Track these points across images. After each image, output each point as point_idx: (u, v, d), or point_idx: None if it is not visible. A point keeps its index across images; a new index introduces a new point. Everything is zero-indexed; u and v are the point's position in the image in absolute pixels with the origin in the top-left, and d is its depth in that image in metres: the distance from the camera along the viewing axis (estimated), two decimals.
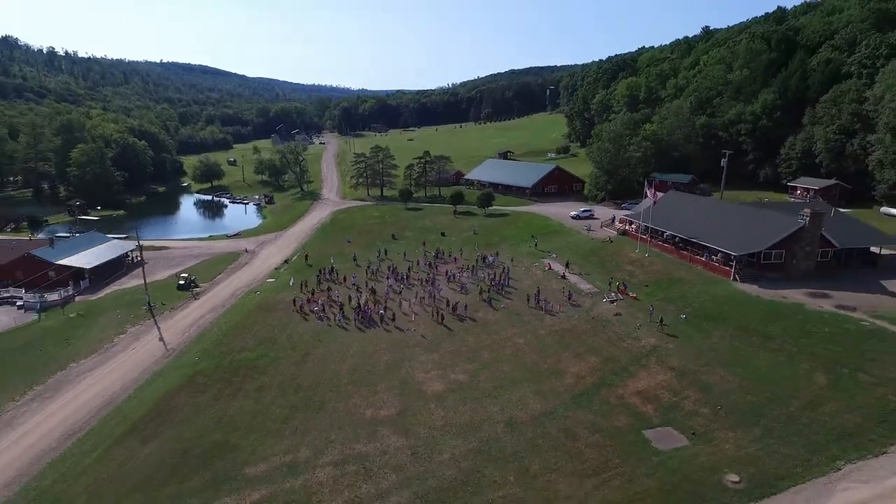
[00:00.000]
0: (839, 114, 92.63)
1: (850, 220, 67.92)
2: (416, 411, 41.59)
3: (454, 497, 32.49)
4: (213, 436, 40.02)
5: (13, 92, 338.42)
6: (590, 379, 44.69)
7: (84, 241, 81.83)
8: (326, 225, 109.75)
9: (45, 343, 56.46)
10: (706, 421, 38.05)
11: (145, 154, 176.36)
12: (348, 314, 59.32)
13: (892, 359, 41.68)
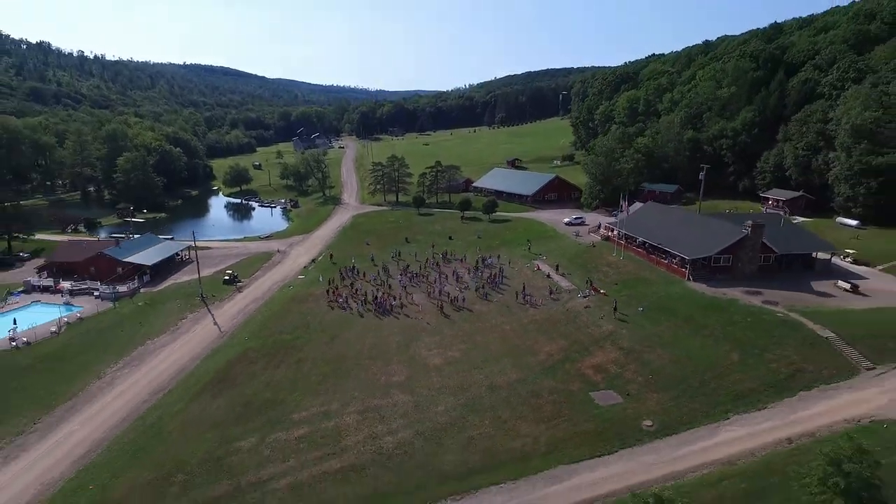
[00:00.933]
0: (807, 132, 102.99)
1: (796, 228, 78.86)
2: (420, 378, 53.93)
3: (444, 434, 44.82)
4: (265, 394, 52.81)
5: (52, 98, 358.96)
6: (557, 356, 56.66)
7: (143, 241, 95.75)
8: (347, 228, 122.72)
9: (124, 325, 69.93)
10: (639, 386, 49.89)
11: (180, 160, 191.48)
12: (367, 305, 71.91)
13: (792, 342, 53.10)
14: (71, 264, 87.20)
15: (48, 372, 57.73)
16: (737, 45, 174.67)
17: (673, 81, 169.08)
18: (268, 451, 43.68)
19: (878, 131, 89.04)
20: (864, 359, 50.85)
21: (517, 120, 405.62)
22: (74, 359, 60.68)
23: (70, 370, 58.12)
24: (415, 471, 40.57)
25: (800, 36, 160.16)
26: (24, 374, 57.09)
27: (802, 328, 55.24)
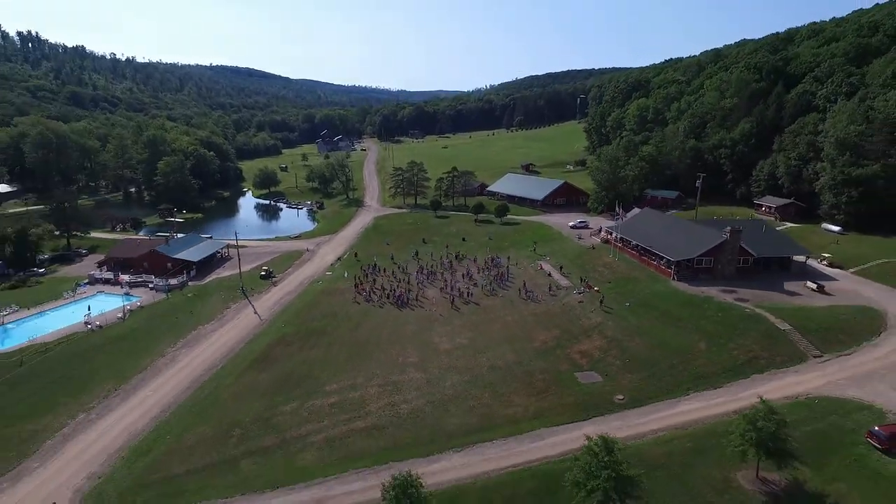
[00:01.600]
0: (799, 143, 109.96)
1: (776, 233, 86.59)
2: (431, 360, 63.37)
3: (450, 403, 54.24)
4: (301, 370, 62.78)
5: (90, 101, 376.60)
6: (550, 343, 65.67)
7: (188, 240, 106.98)
8: (369, 229, 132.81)
9: (177, 313, 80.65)
10: (617, 368, 58.74)
11: (213, 163, 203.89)
12: (387, 298, 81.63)
13: (754, 334, 61.41)
14: (127, 260, 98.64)
15: (119, 351, 68.51)
16: (746, 53, 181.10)
17: (682, 90, 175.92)
18: (306, 414, 53.60)
19: (861, 144, 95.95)
20: (813, 348, 59.08)
21: (535, 123, 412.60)
22: (140, 340, 71.47)
23: (137, 349, 68.86)
24: (425, 430, 50.06)
25: (805, 47, 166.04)
26: (101, 352, 67.95)
27: (764, 321, 63.50)
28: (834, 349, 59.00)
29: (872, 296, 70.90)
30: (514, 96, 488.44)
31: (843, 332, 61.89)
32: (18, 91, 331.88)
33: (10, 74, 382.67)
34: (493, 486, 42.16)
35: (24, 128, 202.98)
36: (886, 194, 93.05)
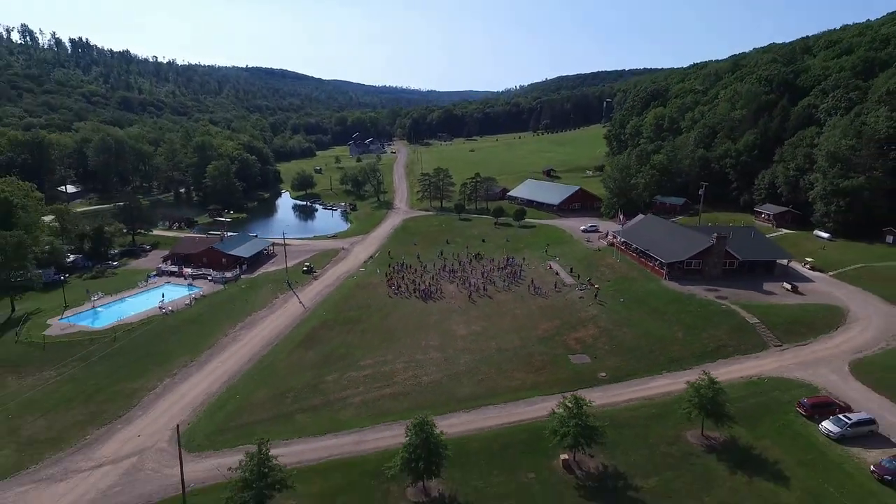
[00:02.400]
0: (796, 155, 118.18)
1: (763, 239, 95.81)
2: (449, 343, 75.17)
3: (462, 376, 65.95)
4: (340, 349, 75.30)
5: (138, 106, 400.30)
6: (551, 331, 76.83)
7: (239, 238, 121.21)
8: (399, 230, 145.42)
9: (234, 301, 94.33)
10: (604, 352, 69.68)
11: (255, 166, 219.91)
12: (414, 292, 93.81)
13: (725, 326, 71.65)
14: (188, 255, 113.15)
15: (190, 331, 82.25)
16: (764, 63, 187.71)
17: (697, 100, 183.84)
18: (345, 383, 66.04)
19: (850, 158, 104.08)
20: (775, 339, 69.09)
21: (561, 127, 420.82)
22: (206, 322, 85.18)
23: (205, 330, 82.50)
24: (441, 396, 61.94)
25: (818, 59, 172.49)
26: (175, 332, 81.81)
27: (736, 316, 73.65)
28: (794, 340, 68.86)
29: (840, 296, 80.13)
30: (541, 99, 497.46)
31: (805, 325, 71.63)
32: (75, 97, 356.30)
33: (66, 80, 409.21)
34: (492, 437, 53.80)
35: (86, 133, 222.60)
36: (871, 205, 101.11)
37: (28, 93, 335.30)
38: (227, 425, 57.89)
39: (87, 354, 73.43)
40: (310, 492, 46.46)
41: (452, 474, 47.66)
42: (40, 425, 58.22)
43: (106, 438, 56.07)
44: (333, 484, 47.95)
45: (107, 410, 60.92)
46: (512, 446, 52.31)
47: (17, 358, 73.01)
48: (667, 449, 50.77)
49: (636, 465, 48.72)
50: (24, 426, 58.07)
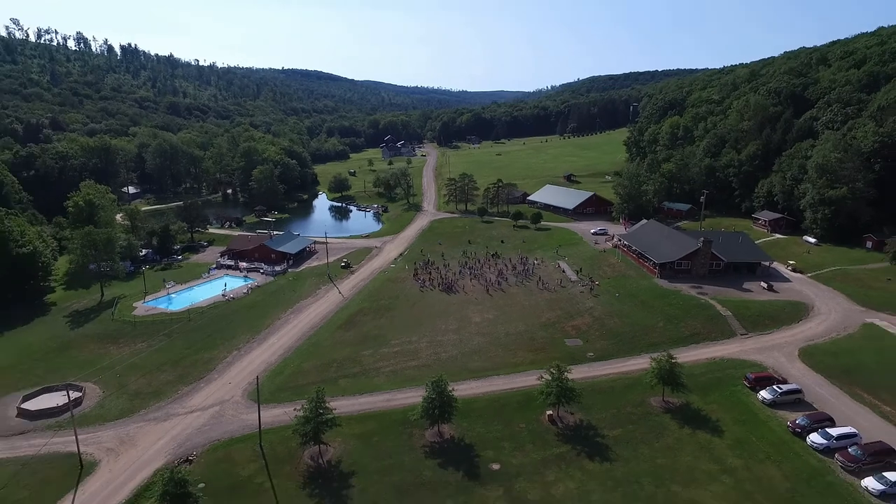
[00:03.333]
0: (792, 165, 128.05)
1: (749, 243, 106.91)
2: (465, 328, 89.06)
3: (475, 353, 79.82)
4: (374, 331, 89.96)
5: (185, 110, 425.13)
6: (552, 319, 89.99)
7: (286, 237, 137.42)
8: (426, 231, 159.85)
9: (283, 291, 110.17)
10: (595, 337, 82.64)
11: (295, 170, 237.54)
12: (438, 286, 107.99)
13: (701, 317, 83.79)
14: (242, 251, 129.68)
15: (249, 314, 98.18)
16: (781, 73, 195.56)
17: (711, 110, 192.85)
18: (378, 357, 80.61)
19: (837, 170, 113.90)
20: (742, 328, 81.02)
21: (587, 130, 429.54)
22: (261, 307, 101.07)
23: (261, 313, 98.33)
24: (456, 367, 75.84)
25: (828, 71, 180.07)
26: (237, 315, 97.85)
27: (712, 309, 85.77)
28: (758, 330, 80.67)
29: (810, 294, 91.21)
30: (569, 103, 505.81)
31: (770, 318, 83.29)
32: (129, 103, 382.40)
33: (119, 86, 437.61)
34: (494, 398, 67.58)
35: (143, 139, 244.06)
36: (854, 213, 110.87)
37: (87, 99, 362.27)
38: (285, 386, 73.11)
39: (170, 332, 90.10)
40: (352, 433, 61.07)
41: (461, 423, 61.67)
42: (142, 382, 74.54)
43: (193, 393, 71.97)
44: (369, 428, 62.49)
45: (191, 373, 76.97)
46: (509, 405, 66.02)
47: (114, 332, 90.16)
48: (632, 409, 63.79)
49: (605, 420, 61.93)
50: (130, 383, 74.47)
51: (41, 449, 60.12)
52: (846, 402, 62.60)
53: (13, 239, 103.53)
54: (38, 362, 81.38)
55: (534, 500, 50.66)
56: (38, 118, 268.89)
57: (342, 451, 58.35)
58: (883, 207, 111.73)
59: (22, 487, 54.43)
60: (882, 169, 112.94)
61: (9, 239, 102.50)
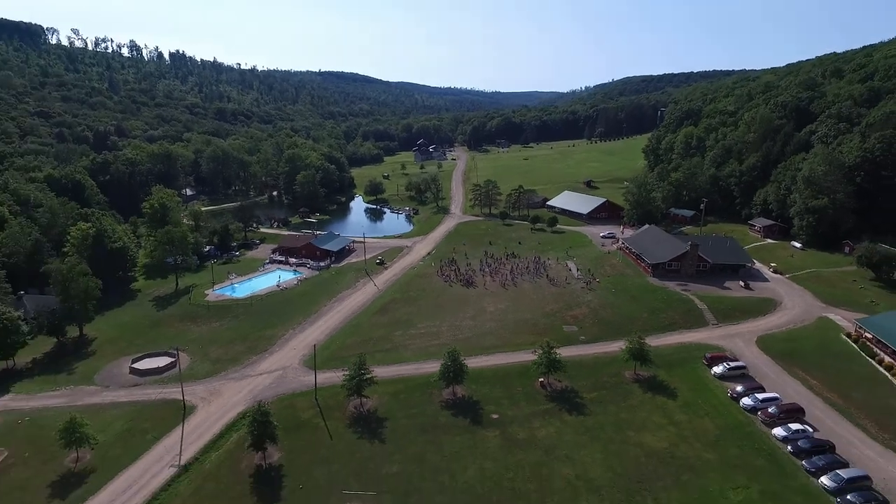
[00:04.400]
0: (785, 177, 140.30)
1: (736, 246, 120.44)
2: (481, 315, 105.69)
3: (487, 335, 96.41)
4: (404, 317, 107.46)
5: (231, 116, 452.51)
6: (555, 309, 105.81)
7: (328, 236, 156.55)
8: (452, 233, 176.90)
9: (328, 283, 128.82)
10: (588, 324, 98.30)
11: (335, 174, 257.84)
12: (459, 281, 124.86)
13: (680, 310, 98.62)
14: (291, 248, 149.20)
15: (300, 301, 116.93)
16: (791, 86, 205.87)
17: (724, 121, 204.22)
18: (407, 336, 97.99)
19: (821, 182, 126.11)
20: (714, 319, 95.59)
21: (614, 135, 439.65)
22: (310, 296, 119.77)
23: (309, 301, 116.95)
24: (470, 345, 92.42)
25: (842, 82, 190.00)
26: (290, 302, 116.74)
27: (690, 303, 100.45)
28: (728, 321, 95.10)
29: (782, 292, 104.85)
30: (598, 107, 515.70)
31: (741, 311, 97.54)
32: (181, 109, 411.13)
33: (170, 92, 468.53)
34: (499, 369, 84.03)
35: (198, 145, 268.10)
36: (836, 221, 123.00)
37: (144, 106, 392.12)
38: (332, 357, 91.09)
39: (237, 314, 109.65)
40: (385, 391, 78.48)
41: (470, 385, 78.46)
42: (220, 352, 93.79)
43: (260, 361, 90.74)
44: (399, 388, 79.86)
45: (257, 346, 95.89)
46: (510, 374, 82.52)
47: (193, 314, 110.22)
48: (608, 379, 79.59)
49: (585, 387, 77.88)
50: (210, 352, 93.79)
51: (152, 396, 79.67)
52: (784, 377, 77.09)
53: (108, 236, 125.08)
54: (136, 335, 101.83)
55: (521, 439, 67.22)
56: (105, 125, 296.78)
57: (378, 404, 75.88)
58: (864, 216, 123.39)
59: (144, 422, 73.69)
60: (863, 181, 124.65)
61: (104, 236, 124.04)
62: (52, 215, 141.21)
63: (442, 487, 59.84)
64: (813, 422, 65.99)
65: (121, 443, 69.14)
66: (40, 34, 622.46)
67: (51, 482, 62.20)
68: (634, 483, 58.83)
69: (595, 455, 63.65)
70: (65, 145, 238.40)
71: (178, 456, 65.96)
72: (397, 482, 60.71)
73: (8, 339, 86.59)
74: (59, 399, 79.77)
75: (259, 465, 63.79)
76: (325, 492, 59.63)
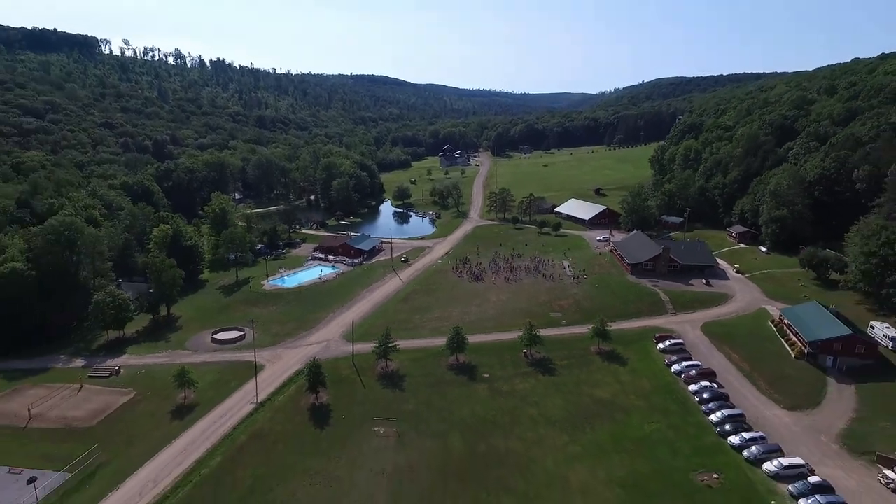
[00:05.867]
0: (760, 189, 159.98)
1: (705, 249, 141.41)
2: (485, 304, 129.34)
3: (489, 319, 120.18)
4: (423, 305, 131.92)
5: (270, 123, 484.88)
6: (546, 300, 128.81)
7: (361, 238, 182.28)
8: (469, 235, 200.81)
9: (361, 277, 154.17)
10: (571, 312, 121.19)
11: (366, 181, 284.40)
12: (470, 277, 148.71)
13: (647, 301, 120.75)
14: (330, 247, 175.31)
15: (338, 291, 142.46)
16: (783, 103, 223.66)
17: (720, 136, 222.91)
18: (424, 320, 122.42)
19: (784, 194, 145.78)
20: (673, 308, 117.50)
21: (633, 142, 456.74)
22: (346, 287, 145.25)
23: (346, 291, 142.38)
24: (475, 326, 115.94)
25: (820, 102, 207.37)
26: (330, 292, 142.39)
27: (656, 296, 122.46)
28: (684, 311, 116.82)
29: (737, 288, 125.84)
30: (619, 114, 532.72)
31: (698, 303, 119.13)
32: (225, 117, 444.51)
33: (214, 100, 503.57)
34: (494, 343, 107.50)
35: (244, 153, 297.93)
36: (795, 230, 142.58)
37: (192, 115, 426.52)
38: (365, 333, 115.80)
39: (288, 300, 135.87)
40: (406, 358, 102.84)
41: (470, 355, 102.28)
42: (278, 328, 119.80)
43: (309, 335, 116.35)
44: (416, 356, 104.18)
45: (306, 324, 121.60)
46: (503, 347, 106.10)
47: (254, 299, 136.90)
48: (577, 352, 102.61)
49: (558, 356, 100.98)
50: (270, 328, 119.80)
51: (230, 358, 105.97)
52: (713, 351, 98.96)
53: (183, 235, 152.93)
54: (211, 315, 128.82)
55: (503, 391, 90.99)
56: (161, 134, 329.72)
57: (399, 366, 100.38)
58: (821, 225, 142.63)
59: (227, 375, 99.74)
60: (821, 195, 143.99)
61: (180, 235, 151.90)
62: (133, 218, 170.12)
63: (443, 420, 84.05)
64: (722, 382, 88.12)
65: (213, 388, 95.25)
66: (95, 45, 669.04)
67: (169, 411, 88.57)
68: (581, 419, 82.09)
69: (556, 402, 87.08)
70: (132, 154, 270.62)
71: (255, 397, 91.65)
72: (412, 416, 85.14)
73: (120, 315, 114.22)
74: (163, 359, 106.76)
75: (313, 403, 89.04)
76: (359, 421, 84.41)
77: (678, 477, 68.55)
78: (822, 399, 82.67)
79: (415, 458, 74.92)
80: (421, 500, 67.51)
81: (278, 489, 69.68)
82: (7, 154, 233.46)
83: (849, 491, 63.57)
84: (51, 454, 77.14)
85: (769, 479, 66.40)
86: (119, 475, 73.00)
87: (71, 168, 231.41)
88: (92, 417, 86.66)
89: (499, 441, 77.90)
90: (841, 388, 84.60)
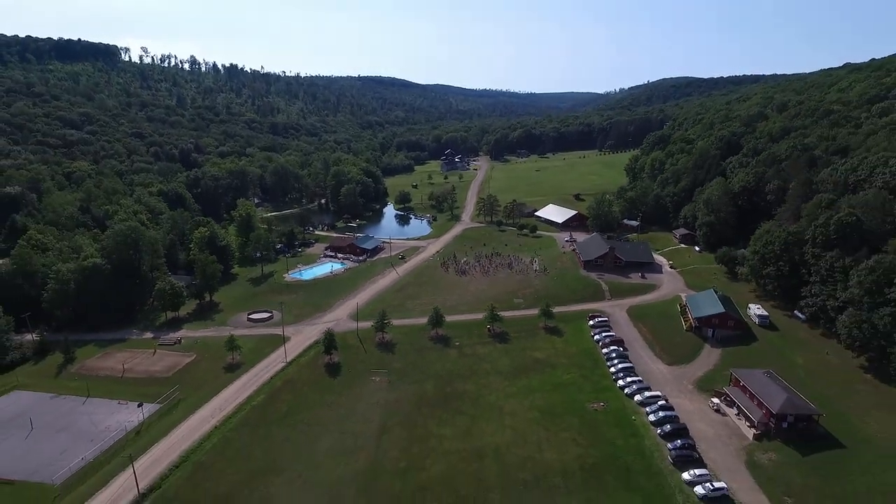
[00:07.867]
0: (700, 198, 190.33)
1: (647, 249, 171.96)
2: (465, 293, 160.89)
3: (466, 303, 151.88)
4: (414, 293, 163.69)
5: (282, 129, 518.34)
6: (512, 289, 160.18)
7: (365, 238, 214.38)
8: (459, 236, 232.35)
9: (365, 272, 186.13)
10: (530, 298, 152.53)
11: (371, 186, 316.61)
12: (455, 271, 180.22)
13: (590, 289, 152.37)
14: (339, 247, 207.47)
15: (346, 283, 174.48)
16: (740, 116, 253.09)
17: (682, 149, 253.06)
18: (414, 304, 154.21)
19: (714, 203, 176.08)
20: (610, 295, 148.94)
21: (623, 147, 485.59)
22: (352, 280, 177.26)
23: (352, 283, 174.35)
24: (454, 308, 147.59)
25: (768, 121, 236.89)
26: (340, 283, 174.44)
27: (599, 286, 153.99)
28: (618, 297, 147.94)
29: (665, 280, 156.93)
30: (612, 119, 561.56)
31: (632, 291, 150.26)
32: (241, 125, 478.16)
33: (229, 106, 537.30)
34: (466, 321, 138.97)
35: (261, 161, 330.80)
36: (721, 233, 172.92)
37: (211, 123, 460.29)
38: (367, 314, 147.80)
39: (306, 290, 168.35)
40: (398, 331, 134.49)
41: (447, 329, 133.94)
42: (298, 311, 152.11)
43: (323, 316, 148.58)
44: (405, 330, 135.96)
45: (321, 307, 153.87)
46: (473, 325, 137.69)
47: (278, 289, 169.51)
48: (528, 327, 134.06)
49: (513, 331, 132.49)
50: (293, 311, 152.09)
51: (263, 332, 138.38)
52: (630, 327, 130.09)
53: (217, 236, 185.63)
54: (245, 302, 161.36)
55: (468, 354, 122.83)
56: (185, 143, 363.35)
57: (392, 337, 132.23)
58: (741, 230, 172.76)
59: (263, 343, 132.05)
60: (744, 203, 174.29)
61: (216, 237, 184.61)
62: (173, 221, 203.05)
63: (422, 373, 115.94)
64: (629, 347, 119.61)
65: (252, 353, 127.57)
66: (116, 53, 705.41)
67: (222, 367, 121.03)
68: (520, 371, 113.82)
69: (505, 361, 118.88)
70: (164, 164, 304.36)
71: (285, 358, 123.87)
72: (399, 371, 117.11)
73: (176, 300, 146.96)
74: (212, 332, 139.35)
75: (328, 362, 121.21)
76: (361, 373, 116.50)
77: (578, 406, 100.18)
78: (695, 358, 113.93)
79: (400, 396, 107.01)
80: (403, 419, 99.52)
81: (304, 413, 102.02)
82: (58, 164, 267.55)
83: (687, 411, 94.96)
84: (144, 393, 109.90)
85: (637, 405, 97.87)
86: (194, 406, 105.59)
87: (112, 176, 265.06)
88: (168, 370, 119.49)
89: (459, 385, 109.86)
90: (711, 351, 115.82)
